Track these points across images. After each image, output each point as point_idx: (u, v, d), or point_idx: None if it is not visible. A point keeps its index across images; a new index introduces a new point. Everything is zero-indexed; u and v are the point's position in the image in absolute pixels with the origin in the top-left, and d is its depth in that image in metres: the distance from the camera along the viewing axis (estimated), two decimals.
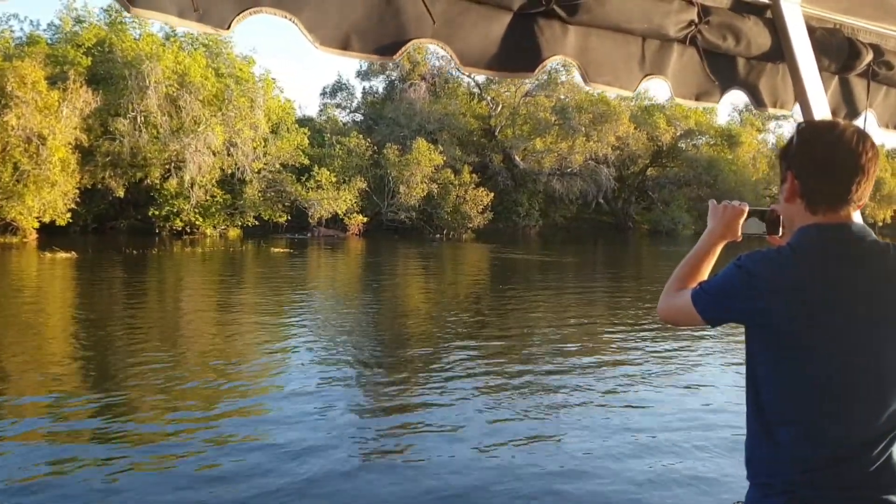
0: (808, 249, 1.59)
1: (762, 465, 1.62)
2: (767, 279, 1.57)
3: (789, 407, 1.58)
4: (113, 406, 7.54)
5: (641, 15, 2.34)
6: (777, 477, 1.58)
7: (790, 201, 1.67)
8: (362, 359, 10.24)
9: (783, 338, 1.57)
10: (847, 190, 1.60)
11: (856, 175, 1.59)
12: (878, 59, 2.90)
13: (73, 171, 29.34)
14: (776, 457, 1.59)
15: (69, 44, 32.00)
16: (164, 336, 11.58)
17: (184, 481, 5.54)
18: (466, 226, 39.83)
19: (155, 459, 6.01)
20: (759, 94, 2.76)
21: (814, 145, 1.64)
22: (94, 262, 22.50)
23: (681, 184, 50.45)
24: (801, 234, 1.63)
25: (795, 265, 1.58)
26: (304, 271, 23.29)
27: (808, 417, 1.56)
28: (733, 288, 1.61)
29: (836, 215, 1.62)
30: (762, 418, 1.62)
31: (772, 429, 1.60)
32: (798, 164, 1.65)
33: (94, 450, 6.24)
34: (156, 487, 5.44)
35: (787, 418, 1.58)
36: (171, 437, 6.61)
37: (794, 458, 1.56)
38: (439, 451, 6.33)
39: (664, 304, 1.82)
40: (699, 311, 1.68)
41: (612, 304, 16.54)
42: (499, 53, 2.19)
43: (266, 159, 34.92)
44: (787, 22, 2.60)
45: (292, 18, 1.84)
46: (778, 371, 1.59)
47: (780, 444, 1.58)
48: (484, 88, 49.07)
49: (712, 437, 6.82)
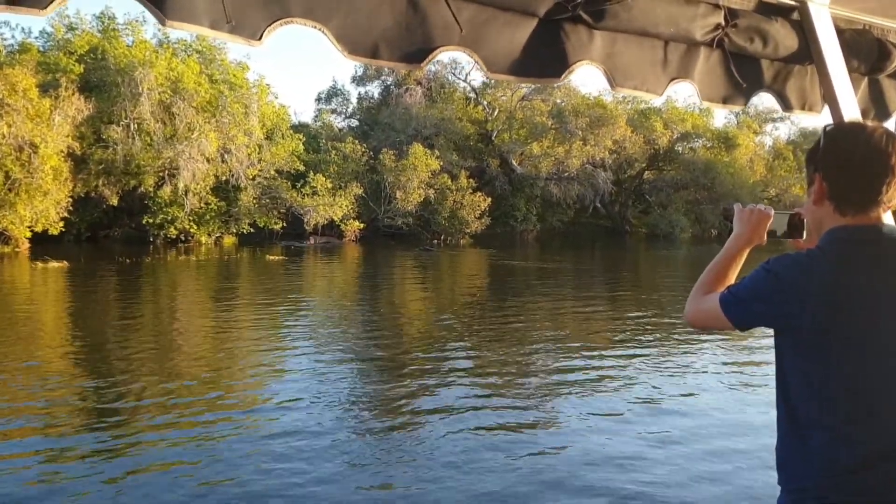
0: (837, 252, 1.59)
1: (795, 471, 1.62)
2: (797, 282, 1.56)
3: (821, 411, 1.57)
4: (106, 416, 7.53)
5: (668, 19, 2.33)
6: (810, 481, 1.57)
7: (818, 204, 1.67)
8: (358, 367, 10.20)
9: (813, 341, 1.56)
10: (877, 191, 1.59)
11: (885, 176, 1.58)
12: None
13: (65, 179, 29.09)
14: (807, 461, 1.58)
15: (61, 51, 31.75)
16: (157, 346, 11.39)
17: (179, 490, 5.60)
18: (464, 231, 39.63)
19: (149, 469, 6.04)
20: (786, 97, 2.70)
21: (842, 147, 1.64)
22: (87, 272, 22.28)
23: (678, 187, 50.31)
24: (831, 237, 1.63)
25: (825, 268, 1.57)
26: (300, 279, 23.11)
27: (840, 421, 1.55)
28: (762, 292, 1.61)
29: (866, 217, 1.61)
30: (794, 423, 1.62)
31: (804, 433, 1.59)
32: (826, 167, 1.64)
33: (88, 459, 6.26)
34: (150, 496, 5.48)
35: (819, 422, 1.57)
36: (166, 446, 6.62)
37: (827, 463, 1.55)
38: (437, 457, 6.38)
39: (692, 309, 1.82)
40: (728, 315, 1.68)
41: (612, 311, 16.36)
42: (525, 60, 2.19)
43: (261, 166, 34.70)
44: (815, 23, 2.55)
45: (322, 28, 1.86)
46: (808, 375, 1.59)
47: (811, 448, 1.57)
48: (480, 93, 48.96)
49: (721, 445, 6.77)
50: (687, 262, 30.60)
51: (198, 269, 25.14)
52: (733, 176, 49.35)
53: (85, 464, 6.17)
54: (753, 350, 11.22)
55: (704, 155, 51.01)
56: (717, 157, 50.46)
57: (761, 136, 57.72)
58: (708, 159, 50.05)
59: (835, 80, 2.57)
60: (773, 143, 57.83)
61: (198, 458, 6.26)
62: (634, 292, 20.84)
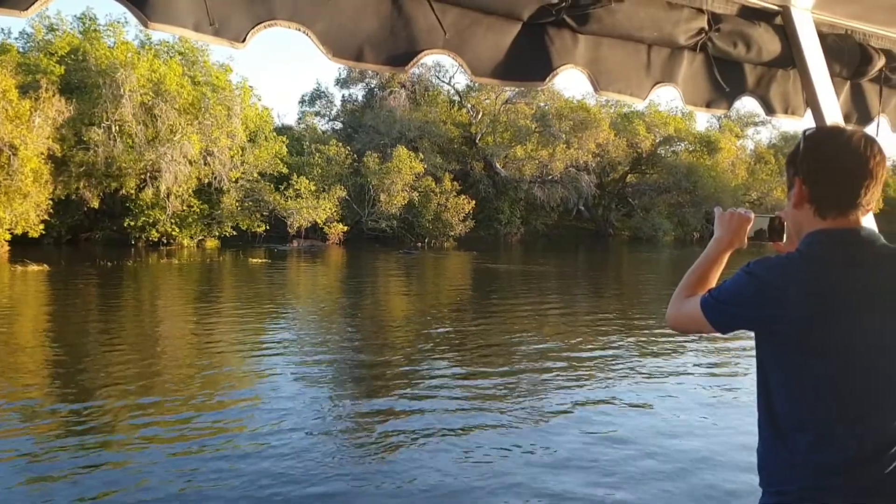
0: (817, 255, 1.60)
1: (777, 473, 1.62)
2: (777, 285, 1.57)
3: (802, 413, 1.58)
4: (86, 420, 7.47)
5: (651, 23, 2.36)
6: (792, 484, 1.58)
7: (798, 207, 1.68)
8: (341, 372, 10.16)
9: (794, 344, 1.58)
10: (856, 194, 1.61)
11: (864, 179, 1.60)
12: (890, 65, 2.87)
13: (45, 181, 28.76)
14: (791, 463, 1.58)
15: (41, 52, 31.43)
16: (138, 350, 11.28)
17: (159, 494, 5.58)
18: (448, 234, 39.62)
19: (126, 474, 5.99)
20: (769, 101, 2.72)
21: (822, 150, 1.65)
22: (68, 275, 22.05)
23: (660, 190, 50.64)
24: (811, 240, 1.64)
25: (805, 271, 1.58)
26: (283, 282, 23.00)
27: (822, 423, 1.56)
28: (743, 294, 1.62)
29: (846, 220, 1.62)
30: (775, 425, 1.62)
31: (785, 435, 1.59)
32: (806, 170, 1.65)
33: (65, 461, 6.23)
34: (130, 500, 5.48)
35: (801, 424, 1.58)
36: (145, 449, 6.59)
37: (809, 465, 1.56)
38: (420, 459, 6.42)
39: (673, 312, 1.82)
40: (709, 318, 1.69)
41: (595, 315, 16.43)
42: (510, 63, 2.19)
43: (244, 168, 34.50)
44: (798, 28, 2.57)
45: (306, 31, 1.86)
46: (790, 377, 1.60)
47: (794, 450, 1.58)
48: (464, 96, 49.03)
49: (702, 446, 6.81)
50: (669, 264, 30.78)
51: (180, 273, 24.96)
52: (715, 179, 49.74)
53: (62, 466, 6.13)
54: (734, 352, 11.30)
55: (687, 158, 51.37)
56: (700, 160, 50.82)
57: (743, 139, 58.21)
58: (690, 163, 50.40)
59: (817, 85, 2.59)
60: (754, 147, 58.42)
61: (176, 466, 6.20)
62: (617, 295, 20.93)
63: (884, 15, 2.75)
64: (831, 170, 1.63)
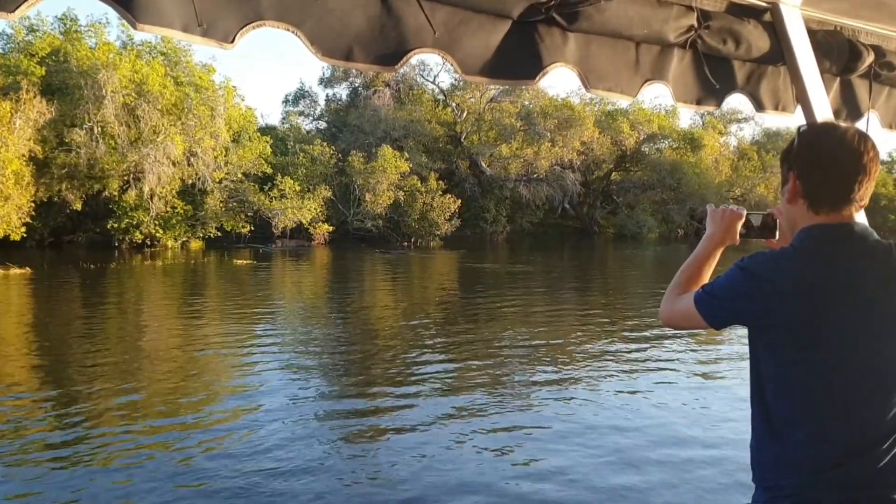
0: (810, 250, 1.61)
1: (769, 468, 1.63)
2: (771, 281, 1.58)
3: (795, 408, 1.58)
4: (71, 422, 7.42)
5: (641, 21, 2.34)
6: (785, 479, 1.58)
7: (792, 202, 1.69)
8: (327, 372, 10.13)
9: (787, 339, 1.58)
10: (849, 190, 1.62)
11: (858, 175, 1.61)
12: (879, 61, 2.88)
13: (27, 183, 28.44)
14: (783, 459, 1.59)
15: (22, 53, 31.08)
16: (122, 353, 11.17)
17: (145, 493, 5.57)
18: (434, 233, 39.54)
19: (111, 478, 5.93)
20: (759, 98, 2.72)
21: (816, 146, 1.66)
22: (51, 278, 21.81)
23: (645, 188, 50.89)
24: (804, 235, 1.65)
25: (798, 266, 1.59)
26: (268, 283, 22.89)
27: (815, 418, 1.57)
28: (737, 290, 1.63)
29: (839, 215, 1.64)
30: (769, 421, 1.62)
31: (779, 431, 1.60)
32: (800, 166, 1.66)
33: (52, 463, 6.21)
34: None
35: (794, 420, 1.58)
36: (131, 453, 6.53)
37: (802, 460, 1.56)
38: (406, 456, 6.44)
39: (666, 309, 1.83)
40: (703, 314, 1.69)
41: (581, 312, 16.46)
42: (500, 62, 2.19)
43: (227, 169, 34.26)
44: (787, 25, 2.58)
45: (295, 31, 1.85)
46: (783, 373, 1.60)
47: (787, 446, 1.58)
48: (448, 95, 49.00)
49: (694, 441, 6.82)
50: (654, 261, 30.94)
51: (164, 275, 24.77)
52: (699, 176, 50.02)
53: (46, 468, 6.10)
54: (724, 347, 11.36)
55: (671, 156, 51.66)
56: (683, 157, 51.10)
57: (726, 136, 58.63)
58: (674, 160, 50.68)
59: (807, 81, 2.60)
60: (737, 144, 58.72)
61: (162, 466, 6.18)
62: (603, 293, 20.98)
63: (872, 11, 2.76)
64: (825, 165, 1.64)
